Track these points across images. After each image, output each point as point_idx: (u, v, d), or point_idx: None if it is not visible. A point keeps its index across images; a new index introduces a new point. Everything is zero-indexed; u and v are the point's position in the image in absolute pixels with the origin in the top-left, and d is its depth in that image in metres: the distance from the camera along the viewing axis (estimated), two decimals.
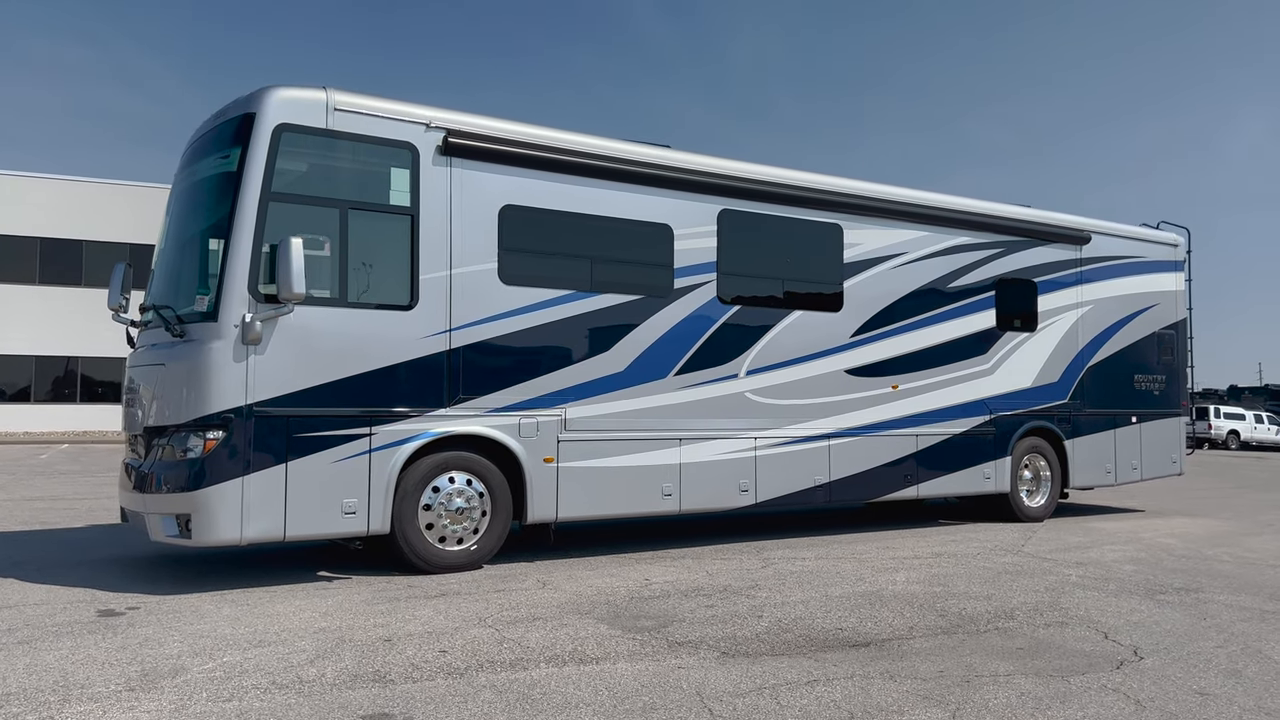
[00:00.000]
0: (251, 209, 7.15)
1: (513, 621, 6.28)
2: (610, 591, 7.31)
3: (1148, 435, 13.27)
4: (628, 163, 8.95)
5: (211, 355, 7.00)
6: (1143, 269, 13.33)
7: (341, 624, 6.16)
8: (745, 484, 9.54)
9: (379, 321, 7.64)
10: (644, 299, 8.98)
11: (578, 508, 8.54)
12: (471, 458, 8.04)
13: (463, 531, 8.03)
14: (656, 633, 6.05)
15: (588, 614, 6.54)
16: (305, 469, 7.27)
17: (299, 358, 7.28)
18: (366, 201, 7.68)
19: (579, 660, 5.38)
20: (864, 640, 5.96)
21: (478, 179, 8.17)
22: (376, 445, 7.57)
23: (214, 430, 7.01)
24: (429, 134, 7.95)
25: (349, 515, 7.45)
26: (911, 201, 10.96)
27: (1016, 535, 10.77)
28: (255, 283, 7.12)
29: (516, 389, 8.27)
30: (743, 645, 5.78)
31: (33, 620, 6.17)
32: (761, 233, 9.82)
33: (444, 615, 6.43)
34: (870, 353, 10.51)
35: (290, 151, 7.36)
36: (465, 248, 8.06)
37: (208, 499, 6.94)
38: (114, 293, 8.72)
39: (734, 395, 9.50)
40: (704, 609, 6.75)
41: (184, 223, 8.04)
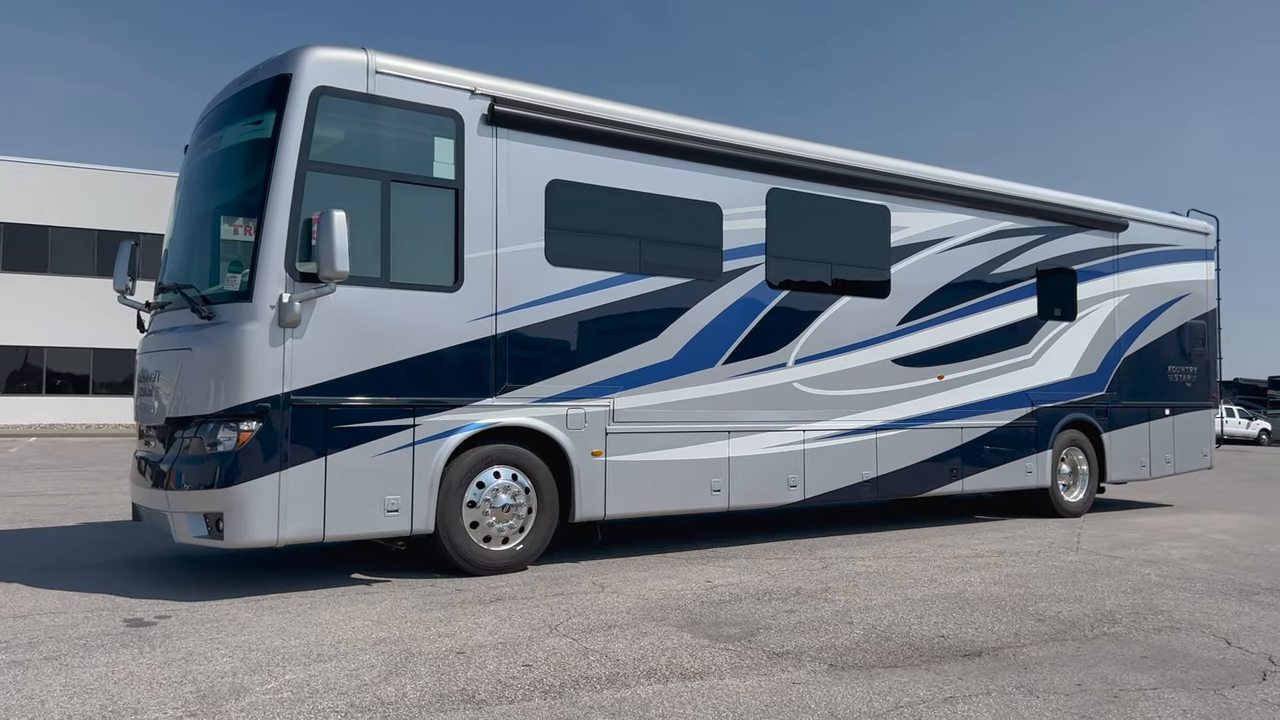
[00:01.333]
0: (288, 178, 6.53)
1: (587, 630, 5.74)
2: (675, 595, 6.79)
3: (1180, 428, 12.95)
4: (678, 137, 8.40)
5: (246, 339, 6.38)
6: (1175, 258, 13.00)
7: (400, 633, 5.59)
8: (794, 479, 9.04)
9: (422, 304, 7.05)
10: (692, 282, 8.45)
11: (626, 504, 8.00)
12: (517, 451, 7.48)
13: (508, 530, 7.46)
14: (746, 641, 5.54)
15: (662, 620, 6.01)
16: (345, 463, 6.67)
17: (339, 342, 6.68)
18: (409, 173, 7.07)
19: (681, 675, 4.86)
20: (974, 649, 5.49)
21: (524, 151, 7.59)
22: (420, 438, 6.98)
23: (248, 421, 6.40)
24: (474, 101, 7.36)
25: (392, 514, 6.86)
26: (958, 184, 10.51)
27: (1066, 532, 10.37)
28: (293, 260, 6.51)
29: (564, 378, 7.71)
30: (848, 656, 5.29)
31: (54, 632, 5.54)
32: (810, 214, 9.32)
33: (509, 623, 5.88)
34: (917, 341, 10.06)
35: (329, 117, 6.75)
36: (511, 225, 7.49)
37: (242, 496, 6.33)
38: (120, 273, 8.06)
39: (782, 385, 9.00)
40: (784, 615, 6.24)
41: (207, 196, 7.39)
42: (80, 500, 12.74)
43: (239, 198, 7.02)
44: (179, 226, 7.70)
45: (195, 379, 6.58)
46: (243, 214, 6.91)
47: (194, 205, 7.50)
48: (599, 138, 7.96)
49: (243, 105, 6.99)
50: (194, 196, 7.53)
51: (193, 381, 6.59)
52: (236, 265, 6.62)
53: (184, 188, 7.72)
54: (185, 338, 6.72)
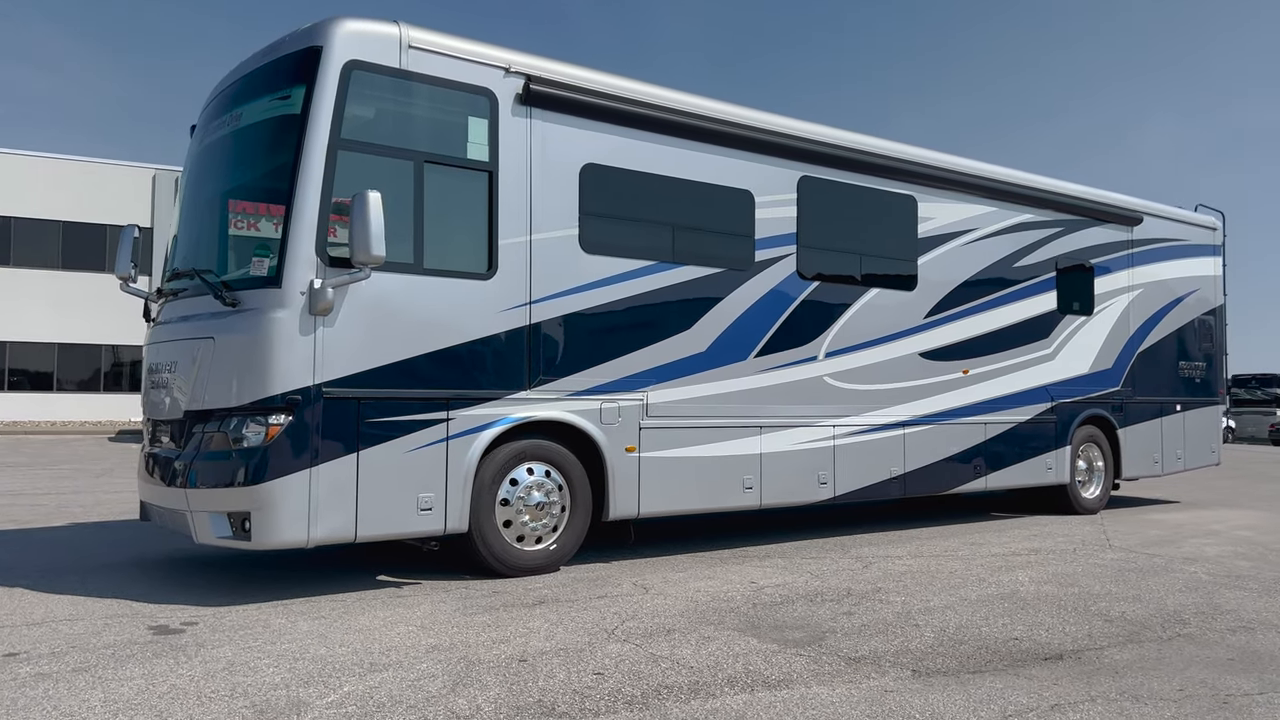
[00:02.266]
0: (319, 157, 6.15)
1: (646, 635, 5.43)
2: (723, 597, 6.49)
3: (1190, 424, 12.87)
4: (712, 121, 8.10)
5: (275, 327, 6.00)
6: (1185, 253, 12.91)
7: (451, 639, 5.24)
8: (824, 475, 8.78)
9: (455, 292, 6.70)
10: (725, 272, 8.16)
11: (660, 503, 7.70)
12: (551, 446, 7.15)
13: (542, 529, 7.13)
14: (817, 646, 5.26)
15: (720, 624, 5.72)
16: (378, 459, 6.31)
17: (370, 331, 6.31)
18: (442, 154, 6.71)
19: (765, 684, 4.56)
20: (1053, 652, 5.25)
21: (558, 133, 7.26)
22: (454, 432, 6.63)
23: (277, 414, 6.02)
24: (508, 80, 7.02)
25: (425, 512, 6.50)
26: (983, 175, 10.31)
27: (1092, 529, 10.21)
28: (324, 244, 6.13)
29: (597, 370, 7.39)
30: (927, 661, 5.02)
31: (76, 640, 5.14)
32: (840, 203, 9.06)
33: (562, 628, 5.55)
34: (943, 335, 9.84)
35: (361, 94, 6.38)
36: (545, 211, 7.15)
37: (271, 494, 5.94)
38: (122, 259, 7.62)
39: (813, 379, 8.74)
40: (844, 617, 5.97)
41: (226, 176, 6.98)
42: (62, 500, 12.22)
43: (264, 178, 6.64)
44: (192, 210, 7.28)
45: (218, 370, 6.18)
46: (269, 195, 6.53)
47: (210, 187, 7.09)
48: (633, 120, 7.64)
49: (268, 79, 6.59)
50: (209, 178, 7.12)
51: (216, 372, 6.19)
52: (264, 249, 6.23)
53: (196, 169, 7.30)
54: (206, 326, 6.32)
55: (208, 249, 6.93)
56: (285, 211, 6.12)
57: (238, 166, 6.88)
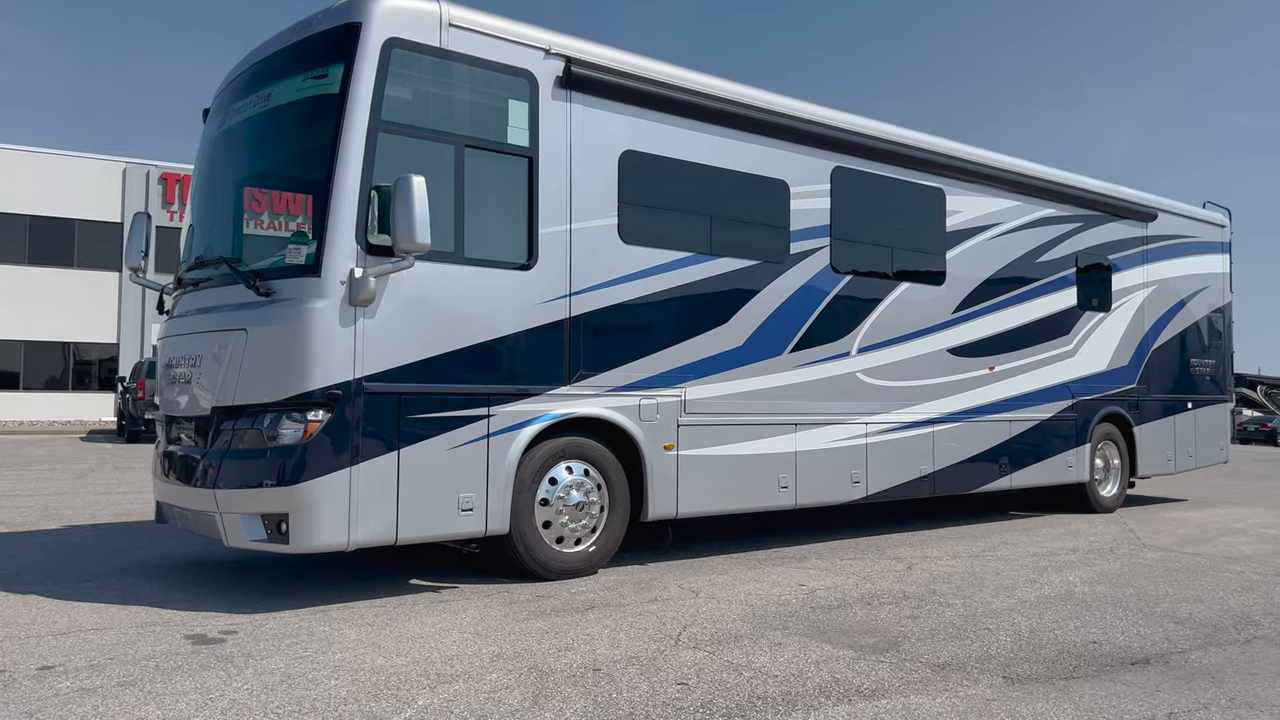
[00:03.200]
0: (359, 139, 5.83)
1: (715, 641, 5.17)
2: (776, 600, 6.25)
3: (1201, 422, 12.81)
4: (749, 108, 7.86)
5: (314, 318, 5.67)
6: (1196, 250, 12.85)
7: (512, 647, 4.96)
8: (857, 474, 8.57)
9: (496, 282, 6.41)
10: (760, 264, 7.91)
11: (698, 502, 7.44)
12: (589, 444, 6.87)
13: (581, 530, 6.85)
14: (893, 652, 5.03)
15: (786, 629, 5.47)
16: (419, 458, 6.00)
17: (411, 323, 6.01)
18: (482, 138, 6.42)
19: (859, 694, 4.32)
20: (1138, 656, 5.06)
21: (598, 118, 6.98)
22: (495, 429, 6.34)
23: (316, 410, 5.69)
24: (548, 61, 6.74)
25: (466, 513, 6.20)
26: (1009, 168, 10.16)
27: (1117, 528, 10.08)
28: (364, 231, 5.82)
29: (636, 365, 7.12)
30: (1015, 667, 4.81)
31: (112, 652, 4.80)
32: (872, 195, 8.85)
33: (624, 634, 5.28)
34: (970, 331, 9.66)
35: (401, 73, 6.07)
36: (585, 199, 6.87)
37: (310, 495, 5.62)
38: (133, 248, 7.27)
39: (846, 376, 8.52)
40: (909, 621, 5.75)
41: (253, 160, 6.65)
42: (49, 502, 11.74)
43: (298, 161, 6.31)
44: (211, 196, 6.93)
45: (252, 364, 5.84)
46: (303, 179, 6.20)
47: (234, 171, 6.75)
48: (672, 106, 7.38)
49: (301, 58, 6.25)
50: (234, 161, 6.77)
51: (249, 366, 5.84)
52: (301, 236, 5.90)
53: (216, 153, 6.94)
54: (236, 318, 5.98)
55: (234, 237, 6.58)
56: (323, 196, 5.79)
57: (267, 149, 6.54)
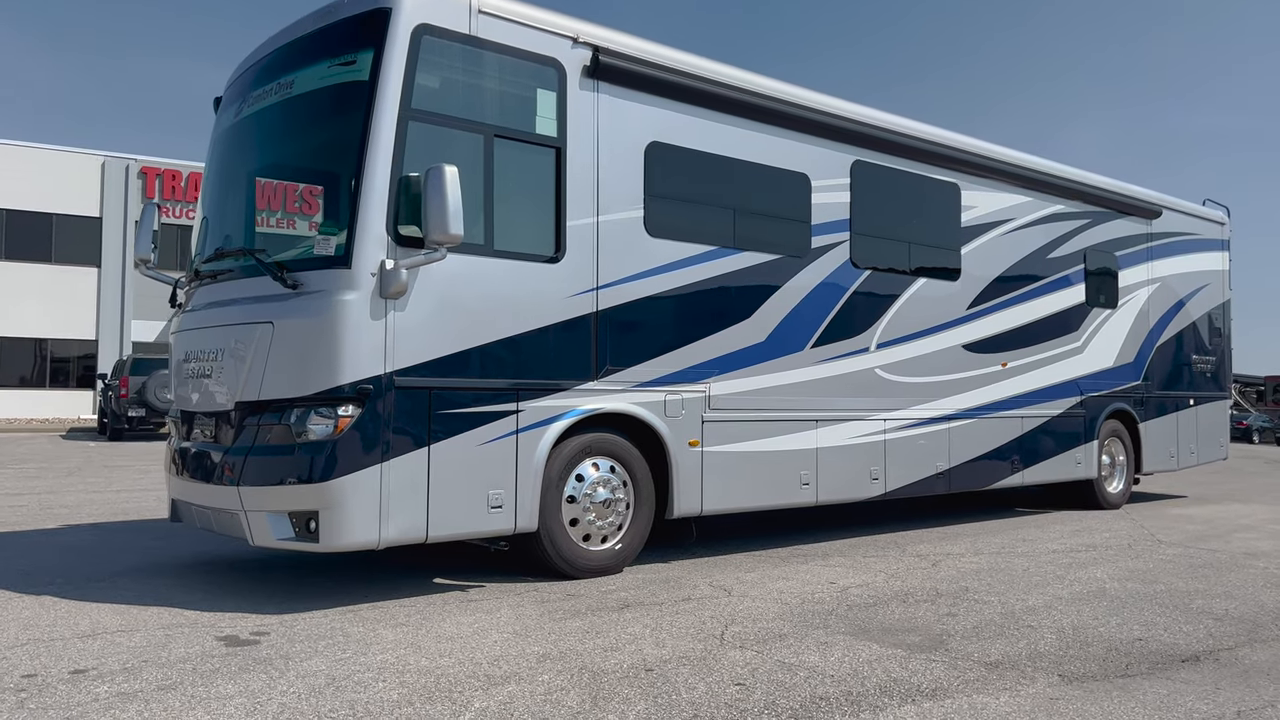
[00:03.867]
0: (389, 127, 5.69)
1: (761, 640, 5.07)
2: (811, 598, 6.16)
3: (1203, 419, 12.86)
4: (772, 100, 7.77)
5: (344, 311, 5.53)
6: (1198, 247, 12.89)
7: (557, 647, 4.84)
8: (876, 471, 8.51)
9: (524, 275, 6.28)
10: (783, 259, 7.83)
11: (722, 499, 7.35)
12: (615, 440, 6.76)
13: (608, 528, 6.74)
14: (943, 650, 4.96)
15: (828, 628, 5.39)
16: (449, 454, 5.87)
17: (441, 316, 5.87)
18: (511, 128, 6.29)
19: (921, 693, 4.24)
20: (1187, 653, 5.01)
21: (624, 109, 6.87)
22: (524, 425, 6.21)
23: (347, 405, 5.55)
24: (575, 50, 6.62)
25: (495, 510, 6.08)
26: (1021, 163, 10.13)
27: (1127, 524, 10.08)
28: (394, 221, 5.68)
29: (662, 360, 7.02)
30: (1068, 665, 4.74)
31: (145, 654, 4.65)
32: (891, 189, 8.79)
33: (667, 633, 5.17)
34: (983, 327, 9.62)
35: (431, 61, 5.93)
36: (611, 191, 6.76)
37: (341, 492, 5.48)
38: (143, 240, 7.12)
39: (865, 371, 8.45)
40: (949, 618, 5.68)
41: (273, 149, 6.48)
42: (42, 500, 11.49)
43: (325, 149, 6.16)
44: (229, 187, 6.76)
45: (279, 358, 5.68)
46: (331, 168, 6.05)
47: (253, 161, 6.58)
48: (697, 97, 7.28)
49: (327, 44, 6.09)
50: (252, 151, 6.61)
51: (275, 360, 5.69)
52: (330, 227, 5.75)
53: (232, 143, 6.77)
54: (261, 310, 5.82)
55: (254, 227, 6.41)
56: (353, 186, 5.65)
57: (291, 137, 6.39)
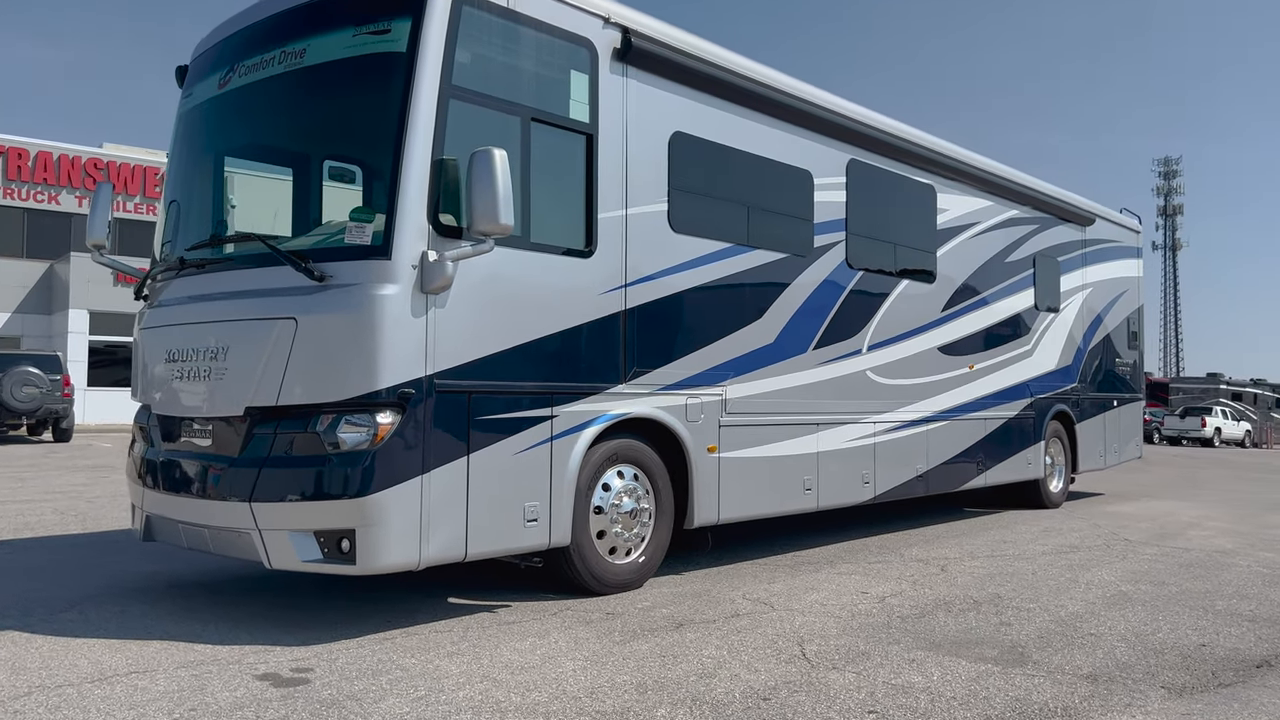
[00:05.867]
0: (430, 104, 5.16)
1: (847, 659, 4.81)
2: (857, 610, 5.94)
3: (1124, 419, 13.36)
4: (782, 94, 7.54)
5: (384, 306, 4.97)
6: (1120, 254, 13.39)
7: (645, 675, 4.45)
8: (867, 475, 8.39)
9: (558, 270, 5.85)
10: (789, 258, 7.60)
11: (737, 507, 7.07)
12: (639, 447, 6.39)
13: (632, 540, 6.36)
14: (1033, 665, 4.81)
15: (898, 642, 5.18)
16: (487, 463, 5.39)
17: (480, 314, 5.38)
18: (547, 111, 5.83)
19: (1054, 714, 4.06)
20: (1258, 658, 5.05)
21: (650, 96, 6.50)
22: (558, 431, 5.77)
23: (386, 411, 5.00)
24: (606, 31, 6.20)
25: (531, 524, 5.62)
26: (986, 168, 10.22)
27: (1083, 523, 10.32)
28: (435, 209, 5.15)
29: (684, 362, 6.68)
30: (1161, 676, 4.67)
31: (186, 700, 4.02)
32: (880, 190, 8.68)
33: (746, 654, 4.85)
34: (955, 329, 9.66)
35: (470, 34, 5.42)
36: (639, 183, 6.38)
37: (381, 508, 4.93)
38: (98, 222, 6.33)
39: (858, 374, 8.32)
40: (1006, 629, 5.56)
41: (275, 126, 5.82)
42: None
43: (351, 127, 5.55)
44: (209, 168, 6.06)
45: (304, 357, 5.06)
46: (359, 148, 5.46)
47: (244, 138, 5.91)
48: (717, 87, 6.97)
49: (352, 9, 5.45)
50: (243, 128, 5.93)
51: (300, 361, 5.07)
52: (364, 213, 5.16)
53: (213, 118, 6.06)
54: (279, 304, 5.18)
55: (252, 214, 5.75)
56: (390, 169, 5.09)
57: (304, 112, 5.73)
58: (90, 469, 15.61)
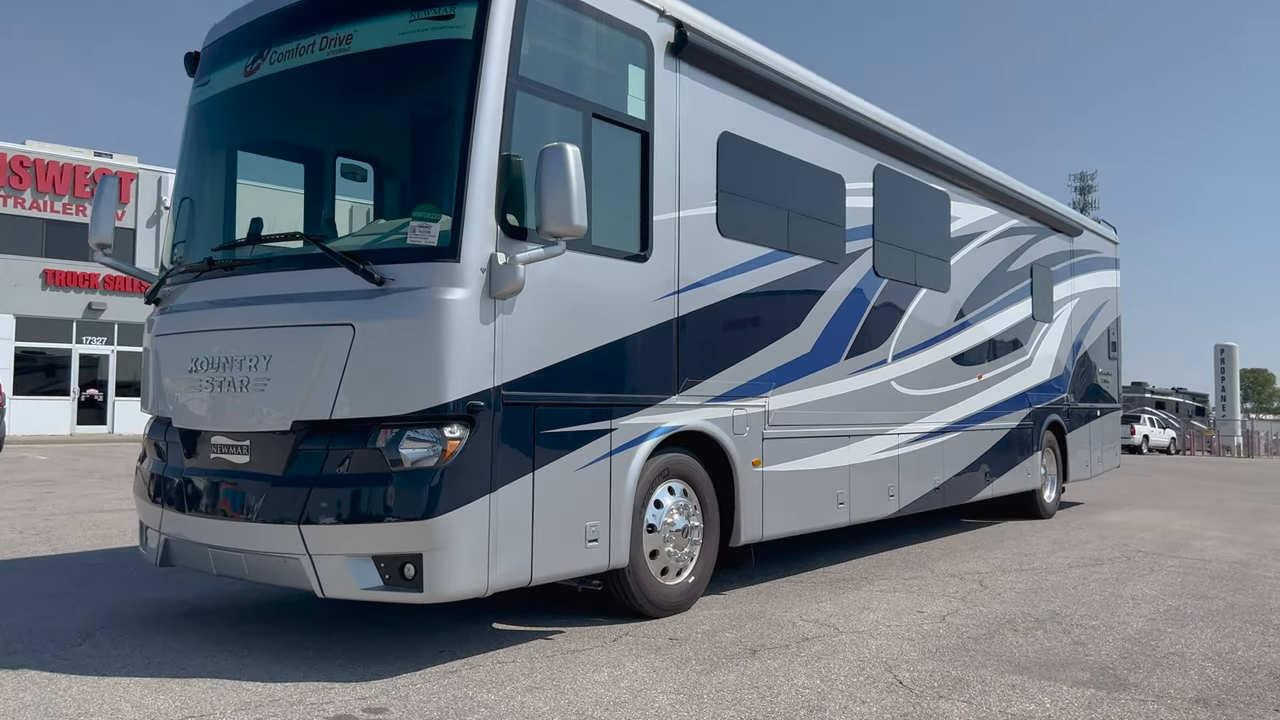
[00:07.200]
0: (497, 95, 4.80)
1: (948, 687, 4.57)
2: (924, 631, 5.71)
3: (1106, 428, 13.44)
4: (819, 95, 7.32)
5: (453, 312, 4.60)
6: (1101, 265, 13.48)
7: (751, 710, 4.15)
8: (892, 488, 8.20)
9: (615, 274, 5.53)
10: (823, 264, 7.38)
11: (779, 523, 6.81)
12: (689, 461, 6.09)
13: (684, 559, 6.05)
14: (1135, 689, 4.62)
15: (984, 665, 4.96)
16: (551, 480, 5.04)
17: (546, 321, 5.04)
18: (607, 107, 5.52)
19: None
20: None
21: (701, 94, 6.22)
22: (616, 445, 5.45)
23: (454, 425, 4.62)
24: (660, 24, 5.91)
25: (592, 545, 5.28)
26: (993, 177, 10.15)
27: (1090, 534, 10.28)
28: (504, 208, 4.80)
29: (731, 372, 6.41)
30: (1269, 697, 4.52)
31: None
32: (901, 197, 8.52)
33: (841, 682, 4.58)
34: (967, 339, 9.54)
35: (536, 22, 5.08)
36: (690, 184, 6.10)
37: (451, 530, 4.54)
38: (103, 219, 5.85)
39: (883, 384, 8.14)
40: (1080, 648, 5.38)
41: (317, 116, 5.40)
42: None
43: (410, 119, 5.16)
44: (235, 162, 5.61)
45: (362, 367, 4.66)
46: (418, 142, 5.08)
47: (277, 130, 5.48)
48: (763, 87, 6.73)
49: None
50: (278, 119, 5.49)
51: (357, 371, 4.66)
52: (428, 211, 4.77)
53: (240, 109, 5.61)
54: (332, 309, 4.76)
55: (290, 211, 5.32)
56: (456, 164, 4.72)
57: (351, 102, 5.31)
58: (34, 484, 14.75)
